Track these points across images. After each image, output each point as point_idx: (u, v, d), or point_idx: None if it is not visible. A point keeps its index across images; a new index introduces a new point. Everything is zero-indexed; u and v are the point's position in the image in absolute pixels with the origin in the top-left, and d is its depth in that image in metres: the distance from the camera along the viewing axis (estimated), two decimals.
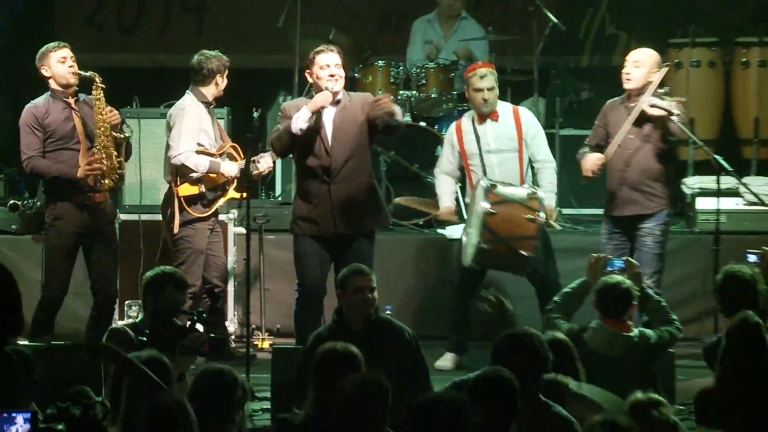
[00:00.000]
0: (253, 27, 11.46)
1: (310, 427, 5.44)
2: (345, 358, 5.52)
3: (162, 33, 12.32)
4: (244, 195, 9.06)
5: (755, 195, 9.74)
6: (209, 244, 9.12)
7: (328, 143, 8.03)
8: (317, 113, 8.05)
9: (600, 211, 9.65)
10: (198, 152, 8.87)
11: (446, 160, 9.17)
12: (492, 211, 8.41)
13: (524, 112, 9.31)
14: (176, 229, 8.95)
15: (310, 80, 8.41)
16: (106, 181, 8.58)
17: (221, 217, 9.48)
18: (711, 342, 6.90)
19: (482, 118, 8.88)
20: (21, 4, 12.08)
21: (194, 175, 8.86)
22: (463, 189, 9.33)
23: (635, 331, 7.08)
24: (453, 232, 9.27)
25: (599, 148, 8.90)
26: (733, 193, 9.77)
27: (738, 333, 5.71)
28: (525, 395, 5.39)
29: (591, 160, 8.79)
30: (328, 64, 8.21)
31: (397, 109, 8.16)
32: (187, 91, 8.92)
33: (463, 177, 9.24)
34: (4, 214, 10.09)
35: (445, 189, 9.15)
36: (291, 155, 8.88)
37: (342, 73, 8.34)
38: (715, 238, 8.71)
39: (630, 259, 7.90)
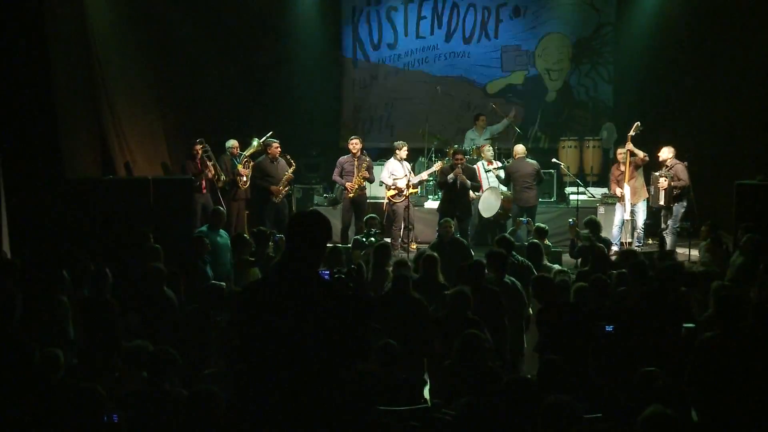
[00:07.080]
0: (407, 131, 13.16)
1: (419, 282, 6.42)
2: (431, 258, 6.74)
3: (379, 133, 14.82)
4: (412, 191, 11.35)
5: (591, 194, 12.26)
6: (398, 210, 11.19)
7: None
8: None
9: None
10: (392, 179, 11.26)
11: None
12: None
13: (496, 164, 11.95)
14: (385, 207, 11.26)
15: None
16: (353, 193, 10.78)
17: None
18: (577, 247, 8.85)
19: (488, 163, 11.93)
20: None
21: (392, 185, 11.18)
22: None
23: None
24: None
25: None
26: (582, 192, 11.92)
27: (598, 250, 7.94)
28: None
29: None
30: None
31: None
32: (392, 157, 11.34)
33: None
34: (322, 199, 12.79)
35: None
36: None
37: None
38: (576, 209, 11.09)
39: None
